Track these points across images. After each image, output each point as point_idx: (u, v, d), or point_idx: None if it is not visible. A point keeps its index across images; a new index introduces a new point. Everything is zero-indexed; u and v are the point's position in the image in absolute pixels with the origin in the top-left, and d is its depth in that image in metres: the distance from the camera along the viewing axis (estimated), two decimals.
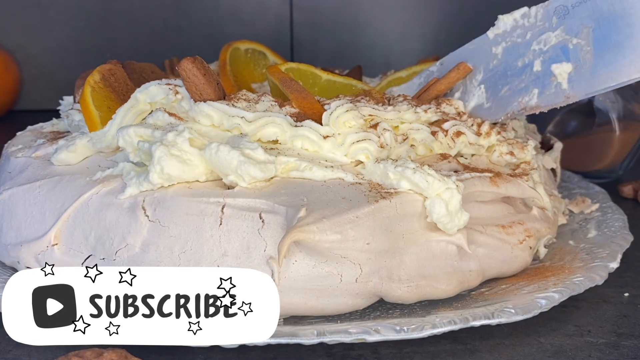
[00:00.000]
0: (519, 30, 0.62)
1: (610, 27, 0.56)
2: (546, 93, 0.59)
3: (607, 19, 0.56)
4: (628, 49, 0.55)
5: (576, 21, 0.58)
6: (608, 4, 0.56)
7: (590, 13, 0.57)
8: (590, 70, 0.57)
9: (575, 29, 0.58)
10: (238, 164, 0.51)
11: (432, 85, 0.63)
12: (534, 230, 0.59)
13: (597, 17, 0.57)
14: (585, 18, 0.57)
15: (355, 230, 0.49)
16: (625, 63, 0.55)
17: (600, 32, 0.57)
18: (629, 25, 0.55)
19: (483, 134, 0.62)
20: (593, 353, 0.50)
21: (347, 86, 0.67)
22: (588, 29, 0.57)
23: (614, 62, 0.56)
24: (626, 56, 0.55)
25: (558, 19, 0.59)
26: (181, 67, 0.56)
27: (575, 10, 0.58)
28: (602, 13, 0.57)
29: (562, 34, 0.58)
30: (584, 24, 0.57)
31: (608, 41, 0.56)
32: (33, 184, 0.56)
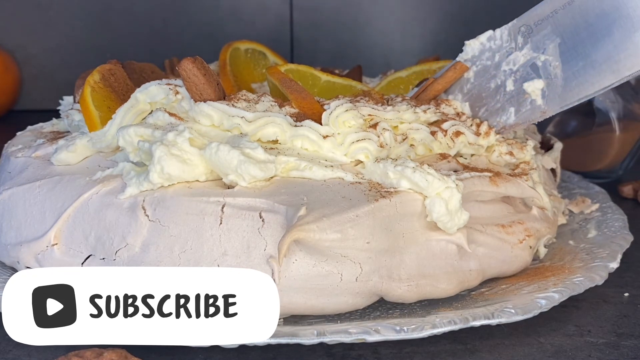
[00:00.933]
0: (487, 53, 0.63)
1: (575, 40, 0.58)
2: (522, 111, 0.61)
3: (571, 32, 0.58)
4: (595, 59, 0.57)
5: (541, 38, 0.59)
6: (569, 18, 0.58)
7: (554, 28, 0.59)
8: (562, 84, 0.58)
9: (541, 46, 0.59)
10: (238, 164, 0.51)
11: (430, 86, 0.63)
12: (533, 229, 0.59)
13: (560, 32, 0.58)
14: (549, 34, 0.59)
15: (355, 229, 0.49)
16: (595, 73, 0.57)
17: (565, 45, 0.58)
18: (593, 35, 0.57)
19: (482, 133, 0.62)
20: (593, 353, 0.50)
21: (346, 87, 0.67)
22: (554, 44, 0.58)
23: (583, 74, 0.57)
24: (595, 67, 0.57)
25: (523, 38, 0.60)
26: (181, 67, 0.56)
27: (539, 28, 0.60)
28: (565, 27, 0.58)
29: (529, 52, 0.60)
30: (549, 39, 0.59)
31: (575, 53, 0.58)
32: (33, 183, 0.56)
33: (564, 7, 0.58)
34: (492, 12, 1.30)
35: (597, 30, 0.56)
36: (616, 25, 0.56)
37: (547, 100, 0.60)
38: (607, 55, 0.56)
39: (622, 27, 0.55)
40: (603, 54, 0.56)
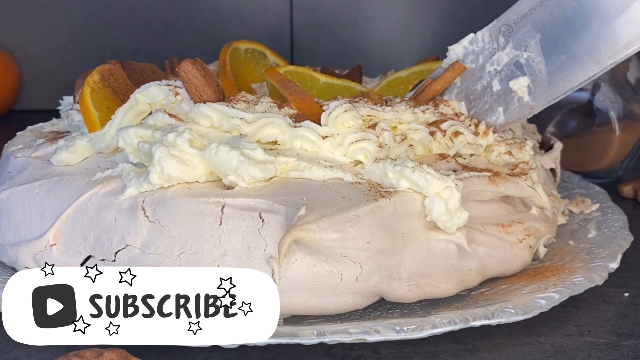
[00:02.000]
0: (471, 55, 0.63)
1: (555, 34, 0.58)
2: (511, 109, 0.61)
3: (551, 27, 0.58)
4: (577, 51, 0.57)
5: (522, 36, 0.60)
6: (547, 13, 0.58)
7: (533, 25, 0.59)
8: (547, 79, 0.59)
9: (523, 44, 0.60)
10: (238, 164, 0.51)
11: (428, 86, 0.63)
12: (533, 229, 0.59)
13: (540, 28, 0.59)
14: (529, 31, 0.59)
15: (355, 229, 0.49)
16: (578, 65, 0.57)
17: (546, 41, 0.59)
18: (572, 29, 0.57)
19: (481, 133, 0.62)
20: (593, 353, 0.50)
21: (345, 88, 0.67)
22: (535, 40, 0.59)
23: (567, 67, 0.58)
24: (577, 59, 0.57)
25: (504, 37, 0.61)
26: (181, 69, 0.56)
27: (519, 26, 0.60)
28: (544, 23, 0.59)
29: (512, 51, 0.60)
30: (529, 36, 0.59)
31: (556, 48, 0.58)
32: (32, 184, 0.56)
33: (541, 3, 0.59)
34: (492, 12, 1.29)
35: (576, 23, 0.57)
36: (593, 17, 0.56)
37: (534, 96, 0.60)
38: (588, 47, 0.57)
39: (599, 18, 0.56)
40: (583, 45, 0.57)
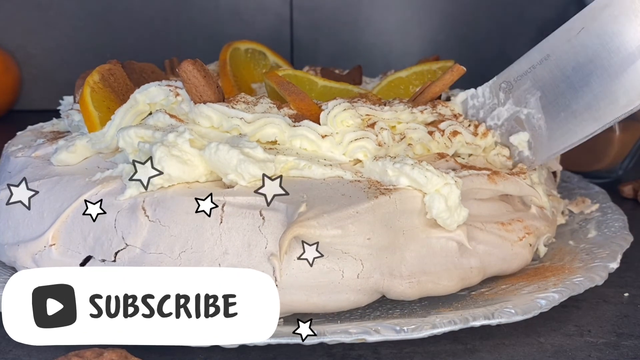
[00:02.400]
0: (471, 110, 0.64)
1: (555, 92, 0.59)
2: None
3: (551, 85, 0.59)
4: (576, 109, 0.58)
5: (522, 93, 0.61)
6: (547, 72, 0.59)
7: (534, 83, 0.60)
8: (547, 134, 0.60)
9: (523, 100, 0.61)
10: (238, 163, 0.51)
11: (427, 88, 0.63)
12: (533, 227, 0.59)
13: (540, 85, 0.60)
14: (529, 88, 0.60)
15: (355, 226, 0.49)
16: (577, 122, 0.58)
17: (546, 98, 0.60)
18: (572, 87, 0.58)
19: (480, 134, 0.62)
20: (593, 353, 0.50)
21: (343, 91, 0.67)
22: (535, 98, 0.60)
23: (566, 124, 0.59)
24: (577, 116, 0.58)
25: (504, 94, 0.62)
26: (181, 69, 0.56)
27: (519, 83, 0.61)
28: (544, 81, 0.60)
29: (512, 107, 0.61)
30: (530, 93, 0.60)
31: (556, 105, 0.59)
32: (31, 183, 0.56)
33: (541, 62, 0.60)
34: (492, 12, 1.30)
35: (575, 82, 0.58)
36: (593, 76, 0.57)
37: (534, 151, 0.61)
38: (587, 105, 0.58)
39: (599, 78, 0.57)
40: (583, 104, 0.58)
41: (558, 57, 0.59)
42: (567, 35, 0.58)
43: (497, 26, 1.30)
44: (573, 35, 0.58)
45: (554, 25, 1.10)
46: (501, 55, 1.32)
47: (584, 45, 0.57)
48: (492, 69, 1.39)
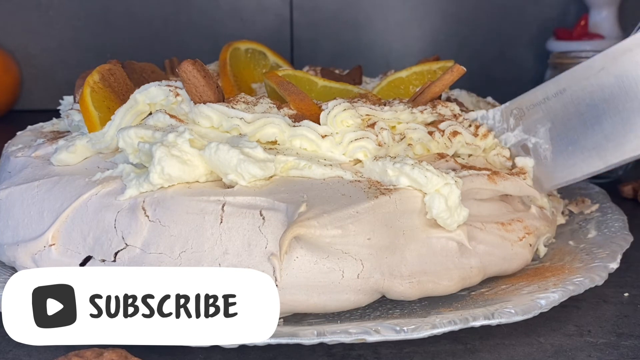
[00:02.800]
0: None
1: (566, 126, 0.59)
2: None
3: (562, 118, 0.59)
4: (585, 145, 0.58)
5: (533, 122, 0.61)
6: (561, 105, 0.59)
7: (546, 114, 0.60)
8: (552, 166, 0.60)
9: (532, 129, 0.61)
10: (238, 163, 0.51)
11: (427, 88, 0.63)
12: (533, 227, 0.59)
13: (552, 117, 0.60)
14: (541, 118, 0.61)
15: (355, 225, 0.49)
16: (584, 158, 0.59)
17: (556, 130, 0.60)
18: (583, 124, 0.58)
19: (480, 135, 0.62)
20: (593, 353, 0.50)
21: (343, 91, 0.67)
22: (545, 128, 0.60)
23: (572, 158, 0.59)
24: (584, 152, 0.59)
25: (515, 120, 0.62)
26: (181, 69, 0.56)
27: (531, 112, 0.61)
28: (556, 113, 0.60)
29: (520, 134, 0.62)
30: (540, 123, 0.61)
31: (565, 138, 0.59)
32: (31, 183, 0.56)
33: (556, 94, 0.60)
34: (492, 12, 1.30)
35: (587, 119, 0.58)
36: (606, 116, 0.57)
37: (537, 180, 0.61)
38: (596, 144, 0.58)
39: (611, 119, 0.57)
40: (592, 142, 0.58)
41: (573, 93, 0.59)
42: (586, 72, 0.58)
43: (497, 26, 1.30)
44: (592, 73, 0.58)
45: (554, 25, 1.10)
46: (501, 56, 1.32)
47: (601, 85, 0.57)
48: (492, 69, 1.40)
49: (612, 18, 1.17)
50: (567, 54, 0.94)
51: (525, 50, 1.31)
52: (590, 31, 1.16)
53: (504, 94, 0.97)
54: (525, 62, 1.31)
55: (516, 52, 1.32)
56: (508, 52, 1.32)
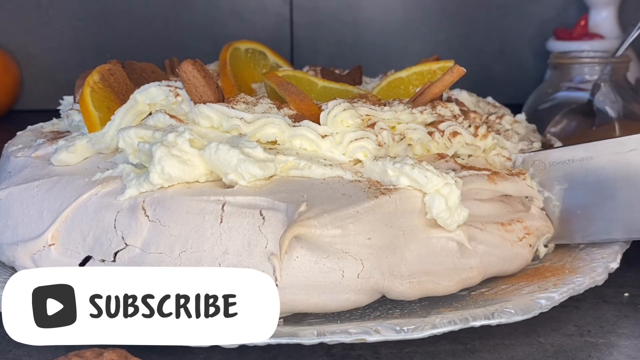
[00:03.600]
0: None
1: (581, 191, 0.61)
2: None
3: (581, 184, 0.61)
4: (595, 214, 0.60)
5: (551, 178, 0.62)
6: (583, 171, 0.61)
7: (566, 174, 0.61)
8: (557, 224, 0.62)
9: (549, 184, 0.62)
10: (238, 162, 0.51)
11: (427, 89, 0.63)
12: (533, 228, 0.59)
13: (571, 179, 0.61)
14: (560, 177, 0.62)
15: (355, 225, 0.49)
16: (590, 226, 0.60)
17: (571, 192, 0.61)
18: (599, 195, 0.60)
19: (480, 135, 0.62)
20: (593, 353, 0.50)
21: (343, 92, 0.67)
22: (561, 187, 0.61)
23: (579, 223, 0.61)
24: (590, 219, 0.60)
25: (535, 170, 0.63)
26: (181, 69, 0.56)
27: (552, 168, 0.62)
28: (576, 177, 0.61)
29: (536, 185, 0.62)
30: (558, 182, 0.62)
31: (577, 203, 0.61)
32: (31, 183, 0.56)
33: (582, 160, 0.61)
34: (492, 12, 1.30)
35: (605, 191, 0.59)
36: (622, 194, 0.59)
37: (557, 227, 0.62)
38: (605, 216, 0.60)
39: (628, 198, 0.59)
40: (602, 213, 0.60)
41: (599, 163, 0.60)
42: (616, 148, 0.60)
43: (497, 26, 1.30)
44: (622, 150, 0.59)
45: (554, 25, 1.10)
46: (501, 56, 1.32)
47: (627, 164, 0.59)
48: (492, 69, 1.40)
49: (612, 18, 1.17)
50: (567, 54, 0.94)
51: (525, 50, 1.31)
52: (590, 31, 1.16)
53: (504, 94, 0.97)
54: (525, 62, 1.31)
55: (516, 52, 1.32)
56: (508, 52, 1.32)
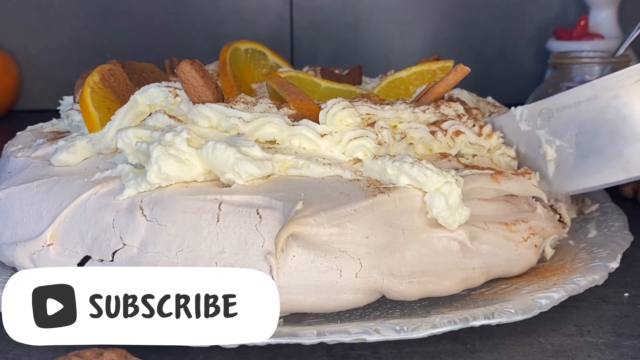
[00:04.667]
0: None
1: (592, 134, 0.59)
2: None
3: (590, 125, 0.59)
4: (608, 155, 0.59)
5: (560, 125, 0.61)
6: (591, 112, 0.59)
7: (574, 118, 0.60)
8: (572, 170, 0.60)
9: (559, 132, 0.61)
10: (235, 161, 0.51)
11: (431, 89, 0.63)
12: (538, 228, 0.59)
13: (580, 123, 0.60)
14: (568, 122, 0.60)
15: (353, 224, 0.49)
16: (605, 168, 0.59)
17: (582, 137, 0.60)
18: (611, 133, 0.58)
19: (484, 134, 0.62)
20: (593, 353, 0.50)
21: (345, 93, 0.67)
22: (571, 133, 0.60)
23: (594, 166, 0.59)
24: (606, 161, 0.59)
25: (542, 120, 0.62)
26: (180, 69, 0.56)
27: (560, 114, 0.61)
28: (585, 120, 0.60)
29: (546, 135, 0.61)
30: (567, 128, 0.60)
31: (589, 146, 0.59)
32: (30, 183, 0.56)
33: (588, 100, 0.59)
34: (492, 12, 1.30)
35: (614, 129, 0.58)
36: (632, 129, 0.57)
37: (554, 181, 0.61)
38: (619, 154, 0.58)
39: (638, 133, 0.57)
40: (615, 152, 0.58)
41: (606, 100, 0.58)
42: (622, 81, 0.58)
43: (497, 26, 1.30)
44: (628, 83, 0.57)
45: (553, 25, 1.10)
46: (501, 55, 1.32)
47: (633, 97, 0.57)
48: (492, 69, 1.40)
49: (612, 18, 1.17)
50: (567, 54, 0.94)
51: (525, 50, 1.31)
52: (590, 31, 1.16)
53: (503, 94, 0.97)
54: (525, 62, 1.31)
55: (516, 52, 1.31)
56: (508, 52, 1.32)
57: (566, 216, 0.65)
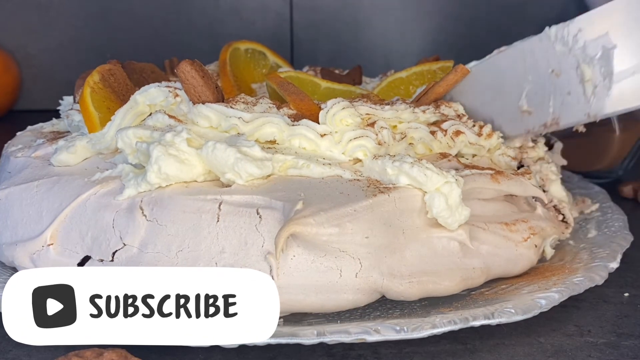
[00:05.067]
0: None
1: (634, 42, 0.54)
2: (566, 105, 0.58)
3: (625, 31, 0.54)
4: None
5: (591, 41, 0.56)
6: (624, 15, 0.54)
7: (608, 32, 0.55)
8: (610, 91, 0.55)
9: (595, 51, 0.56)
10: (235, 161, 0.51)
11: (431, 89, 0.63)
12: (538, 228, 0.59)
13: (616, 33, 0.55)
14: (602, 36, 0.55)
15: (353, 224, 0.49)
16: None
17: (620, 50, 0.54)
18: None
19: (484, 135, 0.62)
20: (593, 353, 0.50)
21: (346, 93, 0.67)
22: (608, 50, 0.55)
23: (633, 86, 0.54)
24: None
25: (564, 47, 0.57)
26: (180, 69, 0.56)
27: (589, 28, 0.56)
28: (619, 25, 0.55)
29: (582, 55, 0.56)
30: (601, 41, 0.55)
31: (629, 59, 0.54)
32: (30, 183, 0.56)
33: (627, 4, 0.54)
34: (492, 12, 1.30)
35: None
36: None
37: (595, 99, 0.56)
38: None
39: None
40: None
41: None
42: None
43: (497, 26, 1.30)
44: None
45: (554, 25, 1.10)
46: None
47: None
48: None
49: None
50: None
51: None
52: None
53: None
54: None
55: None
56: None
57: (570, 217, 0.65)
